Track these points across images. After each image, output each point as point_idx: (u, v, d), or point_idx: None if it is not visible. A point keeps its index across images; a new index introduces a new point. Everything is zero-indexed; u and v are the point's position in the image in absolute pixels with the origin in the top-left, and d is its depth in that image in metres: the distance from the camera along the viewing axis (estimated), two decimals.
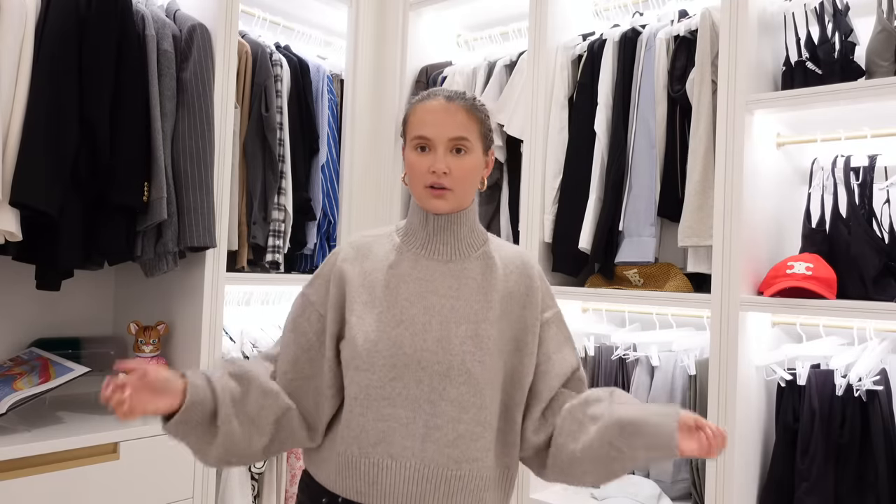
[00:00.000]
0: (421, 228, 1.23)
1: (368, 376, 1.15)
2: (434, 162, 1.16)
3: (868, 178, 1.80)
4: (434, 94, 1.20)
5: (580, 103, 2.22)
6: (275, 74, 2.37)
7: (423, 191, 1.18)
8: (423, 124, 1.17)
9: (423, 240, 1.23)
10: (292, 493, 2.36)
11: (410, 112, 1.21)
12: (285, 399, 1.20)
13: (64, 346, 2.15)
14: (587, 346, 2.27)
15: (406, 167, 1.21)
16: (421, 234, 1.23)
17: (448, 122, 1.16)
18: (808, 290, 1.70)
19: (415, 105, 1.21)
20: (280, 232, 2.37)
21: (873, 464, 1.69)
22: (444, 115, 1.17)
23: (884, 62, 1.71)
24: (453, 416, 1.14)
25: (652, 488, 2.02)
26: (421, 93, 1.26)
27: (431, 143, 1.17)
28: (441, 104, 1.18)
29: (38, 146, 1.71)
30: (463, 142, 1.17)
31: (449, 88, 1.23)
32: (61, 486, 1.74)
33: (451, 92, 1.21)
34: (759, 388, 1.92)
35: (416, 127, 1.18)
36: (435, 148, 1.17)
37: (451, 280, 1.21)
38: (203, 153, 2.01)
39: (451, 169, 1.16)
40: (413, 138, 1.18)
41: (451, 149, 1.17)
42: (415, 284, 1.20)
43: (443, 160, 1.16)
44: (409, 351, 1.15)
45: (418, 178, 1.18)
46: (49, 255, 1.80)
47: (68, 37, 1.78)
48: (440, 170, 1.15)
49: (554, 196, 2.22)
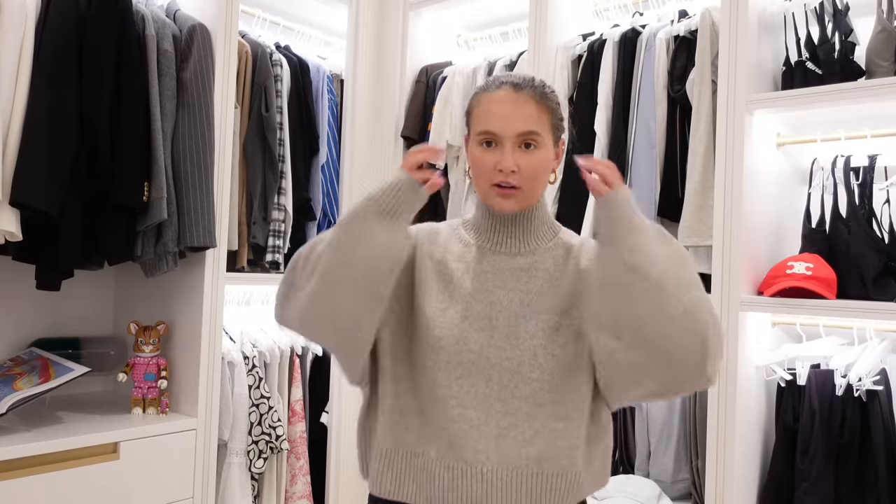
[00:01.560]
0: (485, 223, 1.18)
1: (434, 375, 1.10)
2: (501, 159, 1.08)
3: (868, 178, 1.80)
4: (501, 83, 1.12)
5: (580, 103, 2.22)
6: (275, 74, 2.37)
7: (489, 189, 1.11)
8: (490, 117, 1.10)
9: (489, 234, 1.18)
10: (292, 493, 2.36)
11: (475, 102, 1.14)
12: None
13: (64, 346, 2.15)
14: None
15: (470, 162, 1.13)
16: (486, 229, 1.18)
17: (516, 116, 1.08)
18: (808, 290, 1.70)
19: (480, 95, 1.13)
20: (280, 232, 2.37)
21: (873, 464, 1.69)
22: (511, 106, 1.09)
23: (884, 62, 1.71)
24: (528, 413, 1.09)
25: (652, 488, 2.02)
26: (487, 79, 1.17)
27: (498, 138, 1.09)
28: (509, 95, 1.10)
29: (38, 146, 1.71)
30: (533, 136, 1.09)
31: (517, 74, 1.14)
32: (61, 486, 1.74)
33: (520, 78, 1.12)
34: (759, 388, 1.92)
35: (482, 120, 1.11)
36: (502, 143, 1.09)
37: (519, 273, 1.15)
38: (203, 153, 2.01)
39: (519, 166, 1.09)
40: (479, 133, 1.11)
41: (519, 144, 1.09)
42: (480, 279, 1.14)
43: (510, 157, 1.08)
44: (475, 348, 1.10)
45: (484, 175, 1.10)
46: (49, 255, 1.80)
47: (68, 37, 1.78)
48: (508, 168, 1.08)
49: (554, 196, 2.22)
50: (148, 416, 2.04)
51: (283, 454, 2.33)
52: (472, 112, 1.14)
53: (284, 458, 2.35)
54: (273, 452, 2.26)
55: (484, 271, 1.15)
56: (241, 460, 2.18)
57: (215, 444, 2.09)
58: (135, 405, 2.06)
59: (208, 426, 2.07)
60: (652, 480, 2.08)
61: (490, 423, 1.08)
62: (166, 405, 2.08)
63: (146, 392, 2.06)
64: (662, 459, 2.08)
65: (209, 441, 2.07)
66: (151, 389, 2.06)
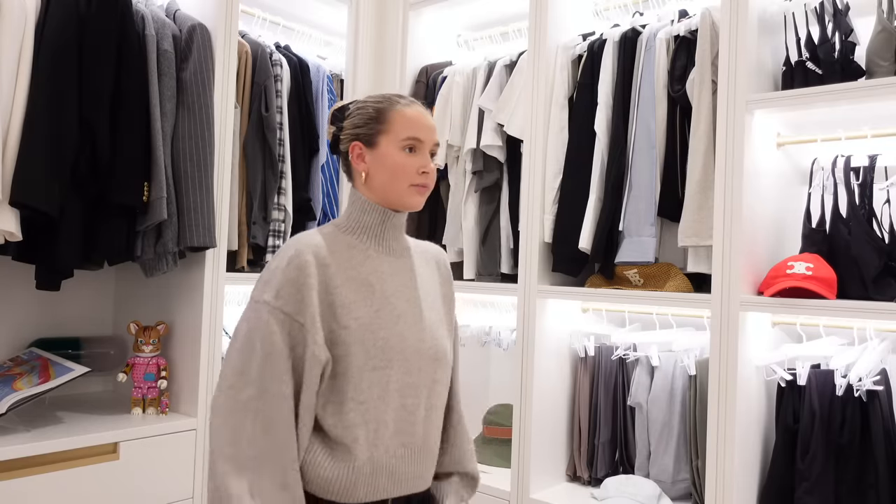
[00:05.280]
0: (378, 225, 1.27)
1: (388, 373, 1.19)
2: (425, 163, 1.25)
3: (868, 178, 1.80)
4: (412, 101, 1.28)
5: (580, 103, 2.22)
6: (275, 74, 2.37)
7: (408, 189, 1.24)
8: (416, 127, 1.24)
9: (378, 237, 1.28)
10: None
11: (394, 112, 1.25)
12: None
13: (64, 346, 2.15)
14: (587, 346, 2.27)
15: (385, 165, 1.23)
16: (376, 232, 1.27)
17: (432, 130, 1.27)
18: (808, 290, 1.70)
19: (399, 108, 1.25)
20: (280, 232, 2.37)
21: (873, 464, 1.69)
22: (428, 120, 1.27)
23: (884, 62, 1.71)
24: (442, 395, 1.29)
25: (652, 488, 2.02)
26: (388, 95, 1.29)
27: (422, 145, 1.25)
28: (423, 111, 1.27)
29: (37, 146, 1.71)
30: (436, 147, 1.29)
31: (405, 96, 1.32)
32: (61, 486, 1.74)
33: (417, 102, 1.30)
34: (759, 388, 1.92)
35: (407, 128, 1.24)
36: (423, 150, 1.25)
37: (407, 273, 1.30)
38: (203, 153, 2.01)
39: (432, 170, 1.27)
40: (405, 139, 1.23)
41: (431, 152, 1.27)
42: (390, 280, 1.26)
43: (429, 162, 1.26)
44: (412, 342, 1.22)
45: (406, 176, 1.23)
46: (49, 255, 1.80)
47: (68, 37, 1.78)
48: (432, 170, 1.26)
49: (554, 196, 2.22)
50: (148, 416, 2.04)
51: None
52: (390, 119, 1.24)
53: None
54: None
55: (388, 273, 1.27)
56: None
57: None
58: (135, 405, 2.06)
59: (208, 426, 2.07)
60: (652, 480, 2.08)
61: (421, 408, 1.24)
62: (166, 405, 2.08)
63: (146, 392, 2.06)
64: (662, 459, 2.08)
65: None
66: (151, 389, 2.06)
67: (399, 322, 1.22)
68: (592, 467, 2.23)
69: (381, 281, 1.24)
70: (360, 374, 1.17)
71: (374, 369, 1.17)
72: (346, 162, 1.29)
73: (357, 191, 1.28)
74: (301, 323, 1.14)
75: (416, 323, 1.25)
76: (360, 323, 1.18)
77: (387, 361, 1.19)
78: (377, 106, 1.26)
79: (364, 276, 1.22)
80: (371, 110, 1.26)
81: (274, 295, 1.14)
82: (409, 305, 1.25)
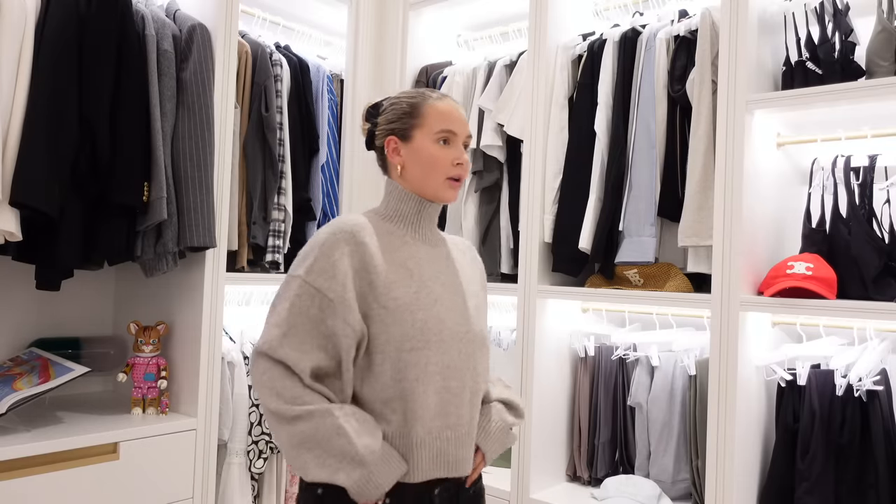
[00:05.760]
0: (415, 214, 1.31)
1: (427, 354, 1.21)
2: (459, 154, 1.29)
3: (868, 178, 1.80)
4: (443, 95, 1.32)
5: (580, 103, 2.22)
6: (275, 74, 2.37)
7: (444, 182, 1.28)
8: (449, 119, 1.28)
9: (414, 225, 1.32)
10: (292, 494, 2.36)
11: (428, 106, 1.29)
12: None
13: (64, 346, 2.15)
14: (587, 345, 2.27)
15: (421, 158, 1.28)
16: (413, 220, 1.31)
17: (464, 122, 1.31)
18: (808, 290, 1.70)
19: (431, 102, 1.29)
20: (280, 232, 2.37)
21: (873, 464, 1.69)
22: (460, 113, 1.30)
23: (884, 62, 1.71)
24: (482, 380, 1.31)
25: (652, 488, 2.02)
26: (421, 90, 1.32)
27: (456, 137, 1.29)
28: (455, 104, 1.31)
29: (37, 146, 1.71)
30: (469, 139, 1.33)
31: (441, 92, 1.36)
32: (61, 486, 1.74)
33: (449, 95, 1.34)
34: (759, 388, 1.92)
35: (440, 121, 1.28)
36: (456, 143, 1.29)
37: (443, 261, 1.33)
38: (203, 153, 2.01)
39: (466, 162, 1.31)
40: (440, 131, 1.27)
41: (464, 144, 1.31)
42: (427, 265, 1.29)
43: (464, 154, 1.30)
44: (450, 325, 1.25)
45: (441, 168, 1.27)
46: (49, 254, 1.80)
47: (68, 37, 1.78)
48: (466, 161, 1.29)
49: (554, 196, 2.22)
50: (148, 416, 2.04)
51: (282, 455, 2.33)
52: (425, 112, 1.29)
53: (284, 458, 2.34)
54: (273, 452, 2.26)
55: (425, 259, 1.30)
56: (241, 460, 2.18)
57: (215, 444, 2.09)
58: (135, 405, 2.06)
59: (208, 426, 2.07)
60: (652, 480, 2.08)
61: (465, 391, 1.26)
62: (166, 405, 2.08)
63: (146, 392, 2.06)
64: (662, 459, 2.08)
65: (209, 441, 2.07)
66: (151, 389, 2.06)
67: (436, 305, 1.24)
68: (592, 467, 2.23)
69: (418, 266, 1.27)
70: (397, 353, 1.20)
71: (411, 350, 1.20)
72: (381, 156, 1.34)
73: (393, 181, 1.32)
74: (331, 298, 1.18)
75: (454, 307, 1.27)
76: (398, 304, 1.21)
77: (424, 343, 1.21)
78: (410, 101, 1.30)
79: (402, 261, 1.26)
80: (405, 105, 1.30)
81: (306, 270, 1.20)
82: (445, 290, 1.28)
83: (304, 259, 1.21)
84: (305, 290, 1.18)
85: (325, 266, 1.19)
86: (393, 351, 1.20)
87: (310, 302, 1.18)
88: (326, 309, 1.18)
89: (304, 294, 1.18)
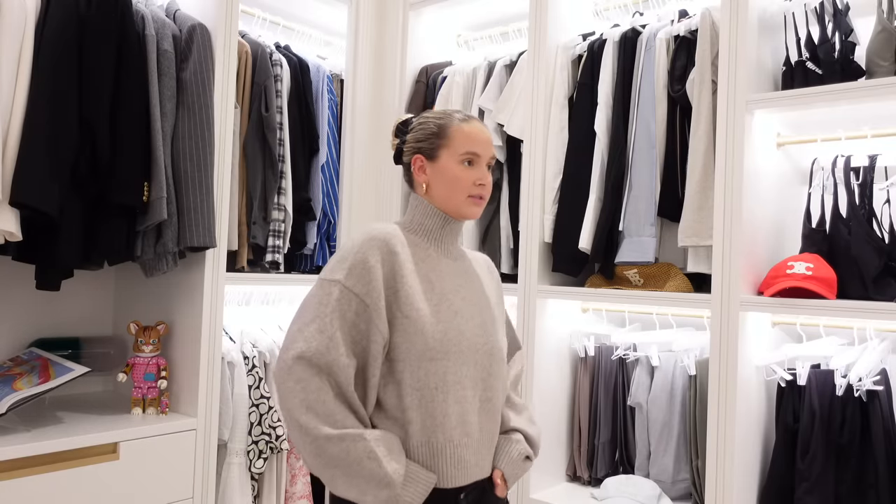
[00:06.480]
0: (438, 230, 1.37)
1: (445, 364, 1.25)
2: (482, 175, 1.34)
3: (868, 178, 1.80)
4: (469, 116, 1.37)
5: (580, 103, 2.22)
6: (275, 74, 2.37)
7: (466, 200, 1.34)
8: (474, 142, 1.34)
9: (437, 240, 1.37)
10: (292, 493, 2.36)
11: (454, 128, 1.34)
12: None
13: (64, 346, 2.15)
14: (587, 346, 2.27)
15: (445, 177, 1.33)
16: (436, 235, 1.37)
17: (489, 144, 1.36)
18: (808, 290, 1.70)
19: (459, 124, 1.35)
20: (280, 232, 2.37)
21: (873, 464, 1.69)
22: (485, 135, 1.36)
23: (884, 62, 1.71)
24: (499, 389, 1.34)
25: (652, 488, 2.02)
26: (448, 111, 1.38)
27: (480, 159, 1.34)
28: (481, 126, 1.37)
29: (37, 146, 1.71)
30: (492, 160, 1.38)
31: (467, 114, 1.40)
32: (61, 486, 1.74)
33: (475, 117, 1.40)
34: (759, 388, 1.92)
35: (465, 143, 1.33)
36: (479, 164, 1.35)
37: (463, 275, 1.38)
38: (203, 153, 2.01)
39: (489, 182, 1.37)
40: (464, 153, 1.33)
41: (487, 164, 1.36)
42: (448, 279, 1.34)
43: (487, 175, 1.35)
44: (469, 336, 1.29)
45: (464, 188, 1.33)
46: (49, 254, 1.80)
47: (68, 37, 1.78)
48: (489, 182, 1.35)
49: (554, 196, 2.22)
50: (148, 416, 2.04)
51: (283, 454, 2.33)
52: (451, 135, 1.34)
53: (284, 458, 2.34)
54: (273, 452, 2.26)
55: (447, 272, 1.35)
56: (241, 460, 2.18)
57: (215, 444, 2.09)
58: (135, 405, 2.06)
59: (208, 426, 2.07)
60: (652, 480, 2.08)
61: (477, 399, 1.30)
62: (166, 405, 2.08)
63: (146, 392, 2.06)
64: (662, 459, 2.08)
65: (209, 441, 2.07)
66: (151, 389, 2.06)
67: (456, 317, 1.29)
68: (592, 467, 2.23)
69: (440, 279, 1.32)
70: (418, 363, 1.24)
71: (431, 360, 1.24)
72: (408, 172, 1.40)
73: (419, 196, 1.38)
74: (367, 304, 1.23)
75: (472, 319, 1.32)
76: (420, 314, 1.26)
77: (444, 353, 1.25)
78: (438, 122, 1.36)
79: (425, 273, 1.31)
80: (433, 126, 1.36)
81: (345, 275, 1.24)
82: (465, 304, 1.33)
83: (341, 263, 1.26)
84: (345, 294, 1.23)
85: (363, 272, 1.24)
86: (414, 360, 1.24)
87: (348, 306, 1.23)
88: (362, 314, 1.23)
89: (344, 299, 1.23)
